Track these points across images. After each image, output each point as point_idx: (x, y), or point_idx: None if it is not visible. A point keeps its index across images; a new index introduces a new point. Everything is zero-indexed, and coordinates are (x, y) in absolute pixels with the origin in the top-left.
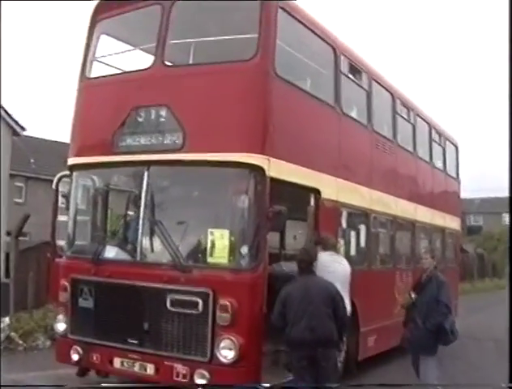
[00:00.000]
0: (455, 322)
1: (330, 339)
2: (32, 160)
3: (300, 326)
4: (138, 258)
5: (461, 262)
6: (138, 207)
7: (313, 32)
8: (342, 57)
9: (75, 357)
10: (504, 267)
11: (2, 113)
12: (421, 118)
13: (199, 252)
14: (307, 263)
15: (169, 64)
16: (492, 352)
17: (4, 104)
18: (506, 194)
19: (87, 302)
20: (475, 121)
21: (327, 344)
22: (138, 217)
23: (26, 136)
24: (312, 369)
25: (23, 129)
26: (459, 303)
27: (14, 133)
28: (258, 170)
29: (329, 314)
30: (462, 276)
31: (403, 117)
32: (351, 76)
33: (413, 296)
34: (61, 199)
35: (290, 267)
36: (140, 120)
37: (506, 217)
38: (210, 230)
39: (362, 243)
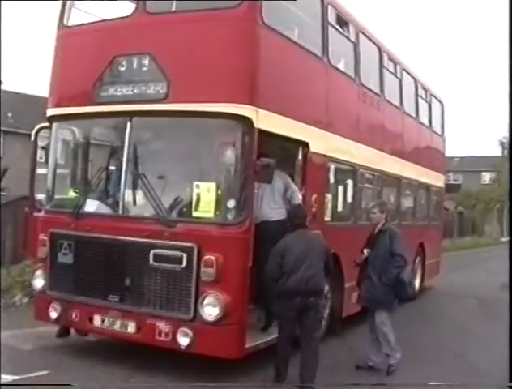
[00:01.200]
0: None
1: (322, 290)
2: (9, 115)
3: (297, 275)
4: (120, 212)
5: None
6: (121, 160)
7: None
8: (329, 8)
9: (54, 315)
10: (483, 225)
11: None
12: (408, 73)
13: (184, 206)
14: (302, 218)
15: (151, 11)
16: (475, 309)
17: None
18: (485, 153)
19: (66, 257)
20: (456, 80)
21: (319, 294)
22: (120, 170)
23: (2, 90)
24: (297, 320)
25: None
26: (441, 260)
27: None
28: (245, 121)
29: (322, 266)
30: (443, 234)
31: (389, 71)
32: (338, 27)
33: (366, 252)
34: (39, 152)
35: None
36: (122, 69)
37: (486, 176)
38: (195, 183)
39: (349, 198)
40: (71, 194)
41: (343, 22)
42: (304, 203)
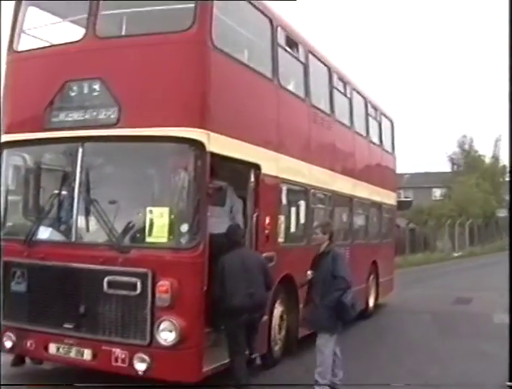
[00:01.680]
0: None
1: (266, 304)
2: None
3: (240, 293)
4: (73, 239)
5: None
6: (73, 186)
7: (249, 2)
8: (279, 29)
9: (8, 344)
10: (435, 241)
11: None
12: (357, 93)
13: (138, 231)
14: (239, 236)
15: (101, 36)
16: (430, 325)
17: None
18: (436, 169)
19: (20, 286)
20: (406, 97)
21: (263, 308)
22: (72, 196)
23: None
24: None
25: None
26: (394, 277)
27: None
28: (197, 145)
29: (262, 281)
30: (395, 251)
31: (339, 91)
32: (288, 49)
33: (309, 273)
34: None
35: None
36: (73, 94)
37: (436, 192)
38: (149, 208)
39: (302, 219)
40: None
41: (292, 43)
42: (257, 225)
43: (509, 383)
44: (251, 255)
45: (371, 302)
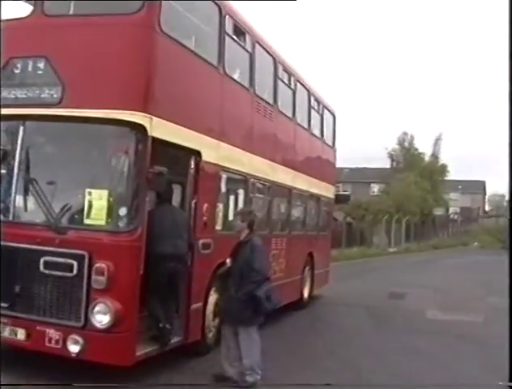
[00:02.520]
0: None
1: (186, 256)
2: None
3: (165, 242)
4: (10, 218)
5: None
6: (12, 164)
7: None
8: (227, 18)
9: None
10: (371, 236)
11: None
12: (301, 84)
13: (76, 213)
14: (170, 194)
15: (49, 13)
16: (364, 318)
17: None
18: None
19: None
20: (348, 90)
21: (185, 260)
22: (11, 175)
23: None
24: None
25: None
26: (330, 270)
27: None
28: (139, 129)
29: (186, 238)
30: (332, 244)
31: (283, 82)
32: (235, 37)
33: (228, 262)
34: None
35: None
36: (16, 72)
37: (375, 187)
38: (88, 190)
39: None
40: None
41: (240, 32)
42: (195, 212)
43: (509, 384)
44: (179, 212)
45: (306, 293)
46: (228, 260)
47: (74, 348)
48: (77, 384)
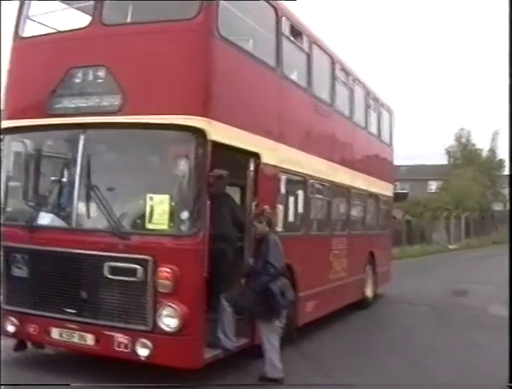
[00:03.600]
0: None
1: None
2: None
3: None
4: (74, 225)
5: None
6: (74, 172)
7: None
8: (283, 19)
9: (11, 329)
10: (431, 233)
11: None
12: (358, 83)
13: (138, 218)
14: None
15: (107, 23)
16: (427, 316)
17: None
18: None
19: (21, 271)
20: (405, 88)
21: None
22: (73, 182)
23: None
24: None
25: None
26: (391, 268)
27: None
28: (199, 133)
29: None
30: (392, 242)
31: (341, 81)
32: (292, 38)
33: (251, 261)
34: None
35: None
36: (77, 81)
37: (432, 184)
38: (149, 195)
39: (300, 209)
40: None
41: (296, 33)
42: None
43: (509, 384)
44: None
45: (368, 292)
46: (250, 260)
47: (143, 352)
48: (75, 384)
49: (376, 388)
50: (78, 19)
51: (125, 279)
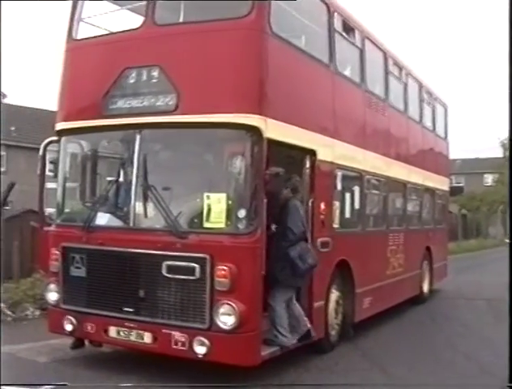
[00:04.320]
0: (309, 250)
1: None
2: (12, 128)
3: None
4: (131, 225)
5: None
6: (131, 172)
7: None
8: (335, 15)
9: (69, 328)
10: (487, 227)
11: None
12: (412, 78)
13: (195, 217)
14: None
15: (160, 23)
16: (485, 311)
17: None
18: (487, 155)
19: (79, 271)
20: (458, 81)
21: None
22: (130, 182)
23: (6, 104)
24: None
25: (3, 96)
26: (448, 263)
27: None
28: (254, 131)
29: None
30: (448, 237)
31: (394, 76)
32: (344, 34)
33: (273, 228)
34: (48, 166)
35: None
36: (131, 81)
37: (488, 178)
38: (206, 194)
39: (356, 205)
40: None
41: (349, 28)
42: (313, 211)
43: (509, 384)
44: None
45: (425, 288)
46: (273, 226)
47: (200, 350)
48: (72, 384)
49: (376, 388)
50: (130, 20)
51: (183, 277)
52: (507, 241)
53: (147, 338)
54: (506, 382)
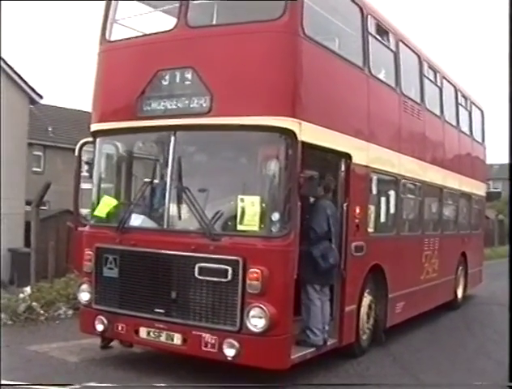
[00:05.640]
0: (333, 249)
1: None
2: (49, 129)
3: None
4: (165, 226)
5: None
6: (165, 174)
7: None
8: (369, 18)
9: (100, 328)
10: None
11: (19, 81)
12: (447, 81)
13: (229, 219)
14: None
15: (193, 25)
16: None
17: (21, 73)
18: None
19: (112, 272)
20: (495, 85)
21: None
22: (164, 184)
23: (43, 104)
24: None
25: (40, 97)
26: (483, 269)
27: (32, 101)
28: (289, 134)
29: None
30: (484, 242)
31: (429, 79)
32: (378, 37)
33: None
34: (83, 167)
35: None
36: (165, 83)
37: None
38: (240, 197)
39: (391, 209)
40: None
41: (382, 31)
42: (347, 215)
43: (509, 384)
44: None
45: (459, 293)
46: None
47: (229, 352)
48: (79, 385)
49: (376, 388)
50: (163, 22)
51: (215, 279)
52: None
53: (177, 339)
54: (506, 382)
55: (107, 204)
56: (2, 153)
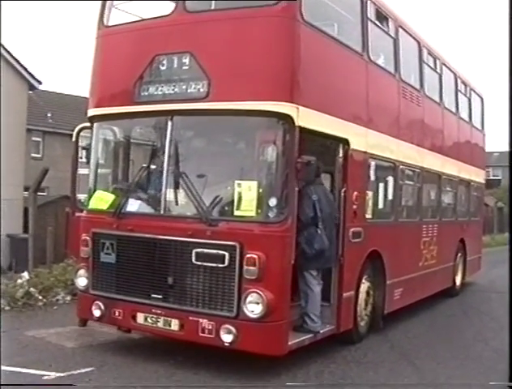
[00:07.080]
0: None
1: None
2: (48, 115)
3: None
4: (162, 212)
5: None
6: (162, 159)
7: None
8: (369, 3)
9: (97, 313)
10: None
11: (18, 67)
12: (447, 68)
13: (226, 205)
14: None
15: (191, 10)
16: None
17: (19, 58)
18: None
19: (109, 257)
20: (495, 72)
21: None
22: (161, 169)
23: (42, 90)
24: None
25: (39, 83)
26: (482, 256)
27: (31, 87)
28: (286, 119)
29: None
30: (483, 230)
31: (429, 66)
32: (378, 23)
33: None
34: (80, 152)
35: None
36: (162, 68)
37: None
38: (237, 182)
39: (389, 195)
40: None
41: (382, 17)
42: (345, 201)
43: (509, 384)
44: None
45: (458, 281)
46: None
47: (227, 338)
48: (80, 384)
49: (375, 388)
50: (161, 7)
51: (212, 265)
52: None
53: (175, 325)
54: (506, 382)
55: (101, 199)
56: (1, 139)
